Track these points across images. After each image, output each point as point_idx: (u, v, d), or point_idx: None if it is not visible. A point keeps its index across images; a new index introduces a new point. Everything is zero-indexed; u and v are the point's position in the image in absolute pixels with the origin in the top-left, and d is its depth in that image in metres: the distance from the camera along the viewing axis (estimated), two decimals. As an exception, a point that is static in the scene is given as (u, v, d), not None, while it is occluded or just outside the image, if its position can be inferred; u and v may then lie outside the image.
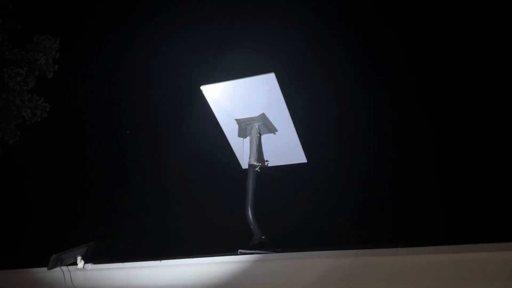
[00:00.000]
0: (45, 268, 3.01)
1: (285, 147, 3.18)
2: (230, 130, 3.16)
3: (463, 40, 8.96)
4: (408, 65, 9.54)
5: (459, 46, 9.03)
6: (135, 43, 11.50)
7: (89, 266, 3.09)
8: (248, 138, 3.05)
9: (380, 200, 8.57)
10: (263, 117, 2.99)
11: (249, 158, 2.95)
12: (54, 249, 3.07)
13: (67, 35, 10.82)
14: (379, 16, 9.95)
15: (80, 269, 3.06)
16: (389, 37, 9.81)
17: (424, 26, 9.34)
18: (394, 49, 9.75)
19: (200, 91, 3.00)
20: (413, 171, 8.88)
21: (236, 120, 3.07)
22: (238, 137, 3.13)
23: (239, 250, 2.52)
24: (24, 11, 10.54)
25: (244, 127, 3.06)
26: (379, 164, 9.08)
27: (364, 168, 9.12)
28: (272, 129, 3.07)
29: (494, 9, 8.39)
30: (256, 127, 3.01)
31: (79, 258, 3.08)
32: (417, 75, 9.44)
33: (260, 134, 3.05)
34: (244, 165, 3.17)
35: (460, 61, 8.90)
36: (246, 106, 3.01)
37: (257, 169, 2.93)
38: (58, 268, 3.02)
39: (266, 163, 3.16)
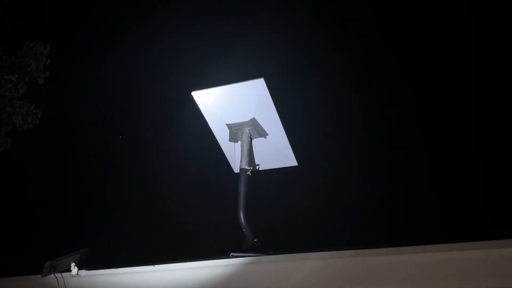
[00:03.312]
0: (39, 276, 3.02)
1: (275, 151, 3.23)
2: (221, 135, 3.20)
3: (461, 40, 9.03)
4: (402, 66, 9.59)
5: (457, 45, 9.10)
6: (126, 49, 11.50)
7: (83, 272, 3.10)
8: (239, 142, 3.09)
9: (372, 202, 8.62)
10: (253, 121, 3.04)
11: (241, 162, 2.99)
12: (48, 256, 3.08)
13: (58, 41, 10.80)
14: (372, 18, 10.01)
15: (74, 276, 3.07)
16: (382, 39, 9.88)
17: (422, 26, 9.40)
18: (387, 50, 9.81)
19: (191, 97, 3.04)
20: (409, 172, 8.93)
21: (227, 125, 3.12)
22: (229, 142, 3.18)
23: (231, 254, 2.55)
24: (14, 17, 10.50)
25: (235, 131, 3.11)
26: (371, 167, 9.14)
27: (355, 170, 9.18)
28: (262, 133, 3.12)
29: (494, 11, 8.49)
30: (247, 131, 3.06)
31: (72, 264, 3.08)
32: (412, 76, 9.51)
33: (251, 139, 3.09)
34: (236, 169, 3.21)
35: (458, 60, 8.97)
36: (236, 111, 3.06)
37: (248, 173, 2.98)
38: (52, 275, 3.03)
39: (257, 167, 3.20)
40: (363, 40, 9.99)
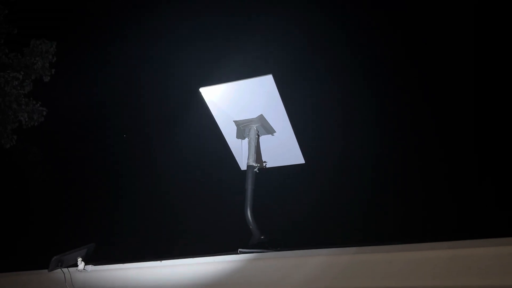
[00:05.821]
0: (46, 270, 3.02)
1: (283, 148, 3.22)
2: (228, 132, 3.19)
3: (462, 41, 8.99)
4: (408, 64, 9.56)
5: (458, 46, 9.06)
6: (132, 45, 11.53)
7: (90, 267, 3.10)
8: (246, 139, 3.08)
9: (378, 199, 8.61)
10: (261, 118, 3.03)
11: (248, 159, 2.99)
12: (54, 251, 3.09)
13: (64, 39, 10.84)
14: (386, 16, 9.96)
15: (81, 271, 3.08)
16: (389, 37, 9.84)
17: (425, 26, 9.36)
18: (393, 49, 9.77)
19: (199, 93, 3.04)
20: (412, 171, 8.91)
21: (235, 121, 3.11)
22: (237, 139, 3.17)
23: (239, 250, 2.55)
24: (20, 15, 10.55)
25: (242, 128, 3.10)
26: (377, 164, 9.12)
27: (361, 168, 9.16)
28: (270, 131, 3.11)
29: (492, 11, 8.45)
30: (255, 128, 3.05)
31: (79, 259, 3.09)
32: (418, 73, 9.46)
33: (258, 136, 3.08)
34: (243, 166, 3.20)
35: (460, 61, 8.93)
36: (244, 108, 3.05)
37: (255, 170, 2.97)
38: (58, 270, 3.04)
39: (264, 164, 3.19)
40: (373, 38, 9.96)
